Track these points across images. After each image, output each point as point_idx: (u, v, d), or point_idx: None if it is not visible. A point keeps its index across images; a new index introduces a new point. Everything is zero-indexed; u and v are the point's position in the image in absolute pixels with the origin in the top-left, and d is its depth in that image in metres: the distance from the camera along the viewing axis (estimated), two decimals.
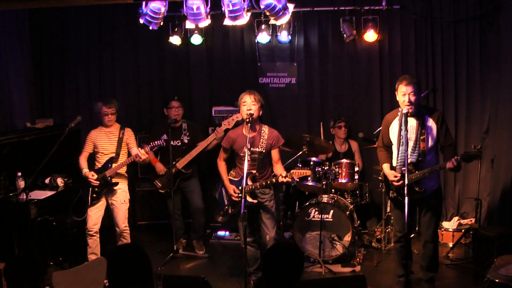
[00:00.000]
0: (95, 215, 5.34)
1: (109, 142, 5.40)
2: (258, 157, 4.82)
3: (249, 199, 4.79)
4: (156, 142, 5.33)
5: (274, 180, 4.76)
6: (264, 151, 4.83)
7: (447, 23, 6.43)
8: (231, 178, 5.02)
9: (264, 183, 4.79)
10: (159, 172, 5.94)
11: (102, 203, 5.39)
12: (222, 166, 5.07)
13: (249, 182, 4.80)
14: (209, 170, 6.65)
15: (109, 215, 5.53)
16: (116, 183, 5.34)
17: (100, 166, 5.37)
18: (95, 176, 5.27)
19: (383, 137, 4.83)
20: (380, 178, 5.52)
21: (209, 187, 6.60)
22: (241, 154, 4.83)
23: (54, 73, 7.05)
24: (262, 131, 4.87)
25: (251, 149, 4.82)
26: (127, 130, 5.50)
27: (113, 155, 5.37)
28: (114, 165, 5.33)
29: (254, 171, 4.83)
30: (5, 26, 6.21)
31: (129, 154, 5.47)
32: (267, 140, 4.84)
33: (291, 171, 4.74)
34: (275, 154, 4.92)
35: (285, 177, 4.68)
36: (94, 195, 5.31)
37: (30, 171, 5.09)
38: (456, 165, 4.42)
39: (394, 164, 4.67)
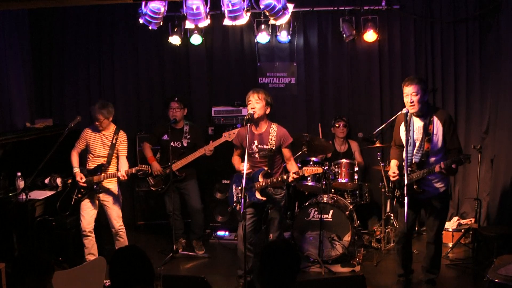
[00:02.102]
0: (87, 215, 5.31)
1: (101, 146, 5.35)
2: (268, 154, 4.82)
3: (258, 195, 4.81)
4: (143, 167, 5.33)
5: (285, 177, 4.75)
6: (273, 148, 4.83)
7: (447, 23, 6.43)
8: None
9: (275, 180, 4.79)
10: (154, 172, 5.91)
11: (93, 204, 5.35)
12: (236, 161, 5.05)
13: (261, 179, 4.81)
14: (208, 171, 6.65)
15: (103, 215, 5.51)
16: (100, 191, 5.30)
17: (90, 169, 5.33)
18: (84, 180, 5.24)
19: (395, 136, 4.83)
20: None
21: (208, 188, 6.60)
22: (249, 152, 4.83)
23: (54, 73, 7.05)
24: (271, 129, 4.87)
25: (259, 146, 4.83)
26: (120, 135, 5.40)
27: (104, 161, 5.32)
28: (103, 174, 5.29)
29: (266, 168, 4.84)
30: (5, 26, 6.21)
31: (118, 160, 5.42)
32: (276, 137, 4.83)
33: (303, 168, 4.72)
34: (286, 152, 4.92)
35: (295, 173, 4.68)
36: (79, 195, 5.29)
37: (30, 171, 5.09)
38: (444, 170, 4.35)
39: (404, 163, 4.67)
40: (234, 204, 4.99)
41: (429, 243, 4.75)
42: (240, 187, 4.94)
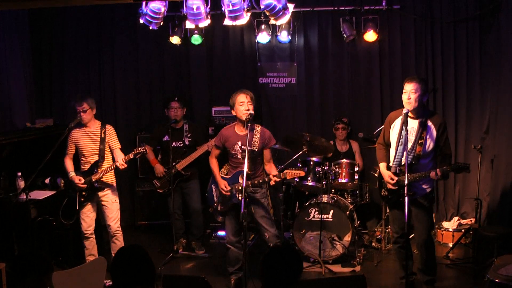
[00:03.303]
0: (87, 218, 5.28)
1: (92, 143, 5.25)
2: (251, 155, 4.81)
3: (239, 197, 4.78)
4: (139, 149, 5.19)
5: (266, 179, 4.77)
6: (256, 150, 4.84)
7: (447, 23, 6.43)
8: (222, 175, 5.04)
9: (256, 182, 4.80)
10: (157, 174, 5.92)
11: (92, 206, 5.31)
12: (213, 163, 5.09)
13: (240, 180, 4.79)
14: (208, 171, 6.63)
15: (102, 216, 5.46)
16: (102, 188, 5.25)
17: (86, 170, 5.27)
18: (83, 181, 5.18)
19: (384, 134, 4.82)
20: (376, 175, 5.51)
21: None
22: (233, 152, 4.86)
23: (54, 73, 7.05)
24: (255, 130, 4.87)
25: (242, 147, 4.84)
26: (108, 128, 5.31)
27: (97, 157, 5.24)
28: (99, 170, 5.22)
29: (246, 170, 4.83)
30: (5, 26, 6.21)
31: (113, 155, 5.35)
32: (260, 139, 4.85)
33: (285, 171, 4.73)
34: (267, 153, 4.94)
35: (276, 176, 4.69)
36: (82, 199, 5.23)
37: (30, 171, 5.08)
38: (440, 177, 4.41)
39: (391, 163, 4.68)
40: (215, 205, 5.02)
41: (420, 245, 4.73)
42: (240, 187, 4.96)
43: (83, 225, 5.28)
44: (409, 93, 4.49)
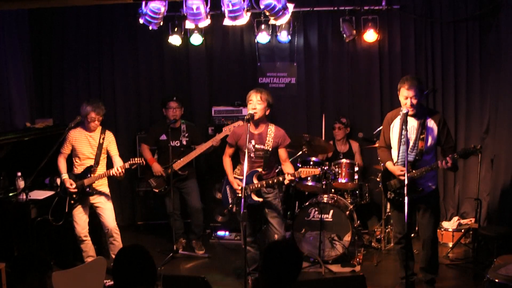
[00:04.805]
0: (80, 220, 5.25)
1: (89, 147, 5.22)
2: (264, 155, 4.80)
3: (254, 197, 4.79)
4: (135, 160, 5.16)
5: (281, 179, 4.73)
6: (270, 149, 4.80)
7: (447, 23, 6.44)
8: (236, 175, 4.97)
9: (270, 182, 4.77)
10: (156, 173, 5.91)
11: (84, 208, 5.28)
12: (227, 162, 5.01)
13: (255, 181, 4.78)
14: (208, 171, 6.65)
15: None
16: (93, 193, 5.23)
17: (79, 173, 5.24)
18: (74, 185, 5.14)
19: (384, 136, 4.83)
20: (378, 179, 5.51)
21: (208, 188, 6.60)
22: (245, 151, 4.81)
23: (54, 73, 7.04)
24: (269, 130, 4.84)
25: (256, 146, 4.81)
26: (107, 135, 5.30)
27: (92, 162, 5.22)
28: (93, 175, 5.19)
29: (260, 170, 4.82)
30: (5, 26, 6.21)
31: (109, 160, 5.31)
32: (274, 138, 4.80)
33: (299, 169, 4.70)
34: (282, 153, 4.88)
35: (291, 175, 4.65)
36: (72, 202, 5.19)
37: (30, 171, 5.09)
38: (451, 165, 4.41)
39: (395, 163, 4.68)
40: (230, 206, 4.99)
41: (426, 243, 4.74)
42: (241, 187, 4.94)
43: (77, 228, 5.25)
44: (410, 99, 4.49)
